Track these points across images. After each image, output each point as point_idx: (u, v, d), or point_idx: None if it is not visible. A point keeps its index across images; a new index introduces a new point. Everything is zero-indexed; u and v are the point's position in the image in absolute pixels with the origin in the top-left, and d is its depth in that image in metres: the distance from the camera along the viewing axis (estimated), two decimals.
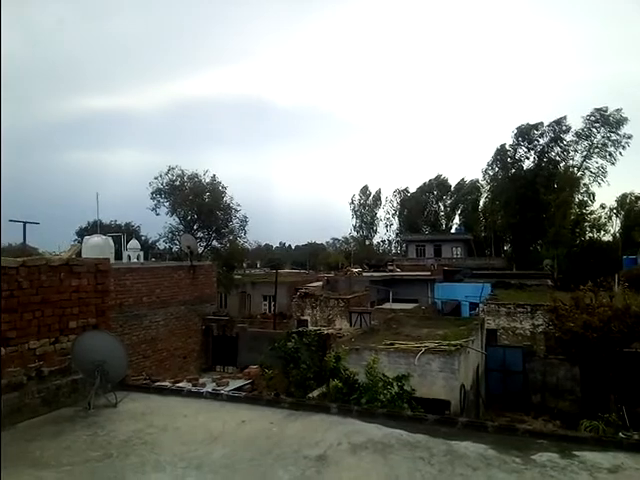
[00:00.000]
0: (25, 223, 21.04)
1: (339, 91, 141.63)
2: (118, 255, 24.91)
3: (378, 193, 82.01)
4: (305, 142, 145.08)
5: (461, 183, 76.37)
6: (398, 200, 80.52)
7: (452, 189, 77.48)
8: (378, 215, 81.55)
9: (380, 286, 32.30)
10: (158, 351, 14.13)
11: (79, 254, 15.11)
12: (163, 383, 6.42)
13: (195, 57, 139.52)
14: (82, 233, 45.87)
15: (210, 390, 5.84)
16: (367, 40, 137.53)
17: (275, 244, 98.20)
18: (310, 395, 9.64)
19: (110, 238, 22.82)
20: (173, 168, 37.08)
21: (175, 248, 37.44)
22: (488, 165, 63.43)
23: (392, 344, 12.35)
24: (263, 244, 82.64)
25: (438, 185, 77.65)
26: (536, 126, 59.52)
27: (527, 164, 60.94)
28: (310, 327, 19.14)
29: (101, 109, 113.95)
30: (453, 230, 72.08)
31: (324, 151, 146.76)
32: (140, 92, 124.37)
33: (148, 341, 13.82)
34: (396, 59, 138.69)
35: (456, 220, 76.91)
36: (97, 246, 21.19)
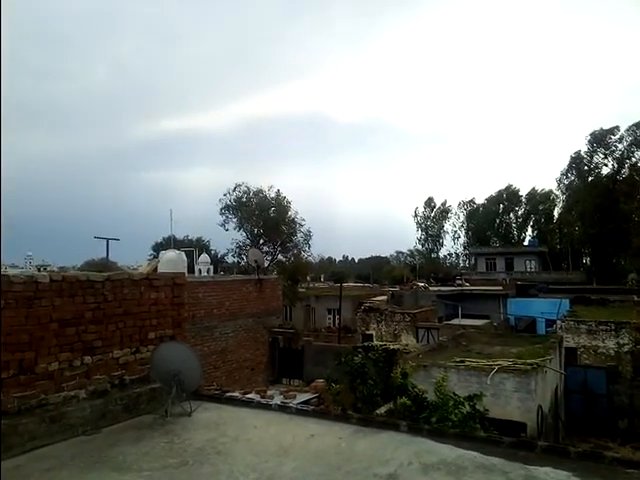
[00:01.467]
0: (108, 240, 22.53)
1: (401, 103, 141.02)
2: (190, 269, 26.06)
3: (444, 205, 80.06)
4: (368, 155, 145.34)
5: (532, 193, 72.91)
6: (464, 212, 78.17)
7: (523, 199, 74.10)
8: (444, 227, 79.49)
9: (448, 301, 31.35)
10: (228, 362, 14.55)
11: (156, 269, 15.97)
12: (233, 394, 6.59)
13: (261, 77, 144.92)
14: (157, 248, 48.62)
15: (279, 403, 5.92)
16: (429, 50, 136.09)
17: (338, 257, 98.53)
18: (377, 412, 9.49)
19: (183, 253, 23.99)
20: (240, 185, 38.49)
21: (242, 262, 38.65)
22: (562, 174, 60.28)
23: (462, 362, 11.90)
24: (326, 257, 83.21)
25: (508, 195, 74.54)
26: (612, 130, 55.83)
27: (605, 171, 57.14)
28: (376, 342, 18.92)
29: (176, 130, 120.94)
30: (526, 242, 68.66)
31: (387, 163, 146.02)
32: (212, 112, 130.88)
33: (218, 352, 14.27)
34: (460, 66, 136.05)
35: (529, 232, 73.34)
36: (171, 260, 22.30)
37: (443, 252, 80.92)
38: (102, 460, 4.27)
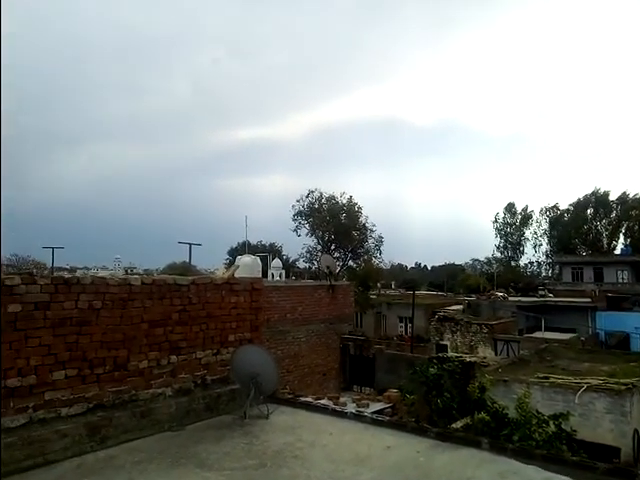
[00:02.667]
0: (190, 245, 23.76)
1: (479, 104, 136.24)
2: (264, 273, 26.79)
3: (525, 211, 75.84)
4: (443, 158, 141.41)
5: (623, 197, 67.17)
6: (547, 218, 73.65)
7: (613, 204, 68.49)
8: (525, 234, 75.31)
9: (529, 312, 29.66)
10: (300, 367, 14.75)
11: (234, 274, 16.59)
12: (307, 398, 6.66)
13: (335, 84, 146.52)
14: (233, 253, 50.51)
15: (353, 411, 5.89)
16: (508, 48, 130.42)
17: (410, 264, 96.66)
18: (453, 426, 9.16)
19: (258, 258, 24.77)
20: (312, 191, 39.04)
21: (313, 267, 39.13)
22: None
23: (546, 378, 11.18)
24: (398, 264, 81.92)
25: (596, 200, 69.26)
26: None
27: None
28: (451, 353, 18.31)
29: (252, 139, 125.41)
30: (618, 251, 63.32)
31: (463, 167, 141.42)
32: (286, 121, 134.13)
33: (291, 356, 14.51)
34: (541, 64, 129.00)
35: (620, 240, 67.59)
36: (247, 265, 23.06)
37: (523, 260, 76.60)
38: (187, 456, 4.48)
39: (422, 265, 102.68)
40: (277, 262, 33.85)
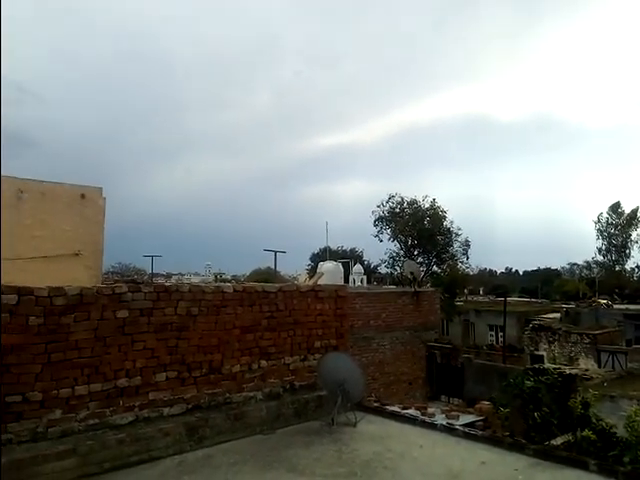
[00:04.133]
0: (276, 252, 24.49)
1: (574, 96, 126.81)
2: (345, 279, 26.87)
3: (635, 212, 68.81)
4: (535, 156, 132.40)
5: None
6: None
7: None
8: (632, 237, 68.45)
9: (638, 321, 26.91)
10: (385, 374, 14.56)
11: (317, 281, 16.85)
12: (393, 407, 6.53)
13: (415, 86, 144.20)
14: (314, 258, 51.25)
15: (444, 423, 5.69)
16: (606, 36, 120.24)
17: (500, 269, 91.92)
18: (553, 443, 8.50)
19: (340, 264, 24.93)
20: (393, 196, 38.60)
21: (395, 273, 38.58)
22: None
23: None
24: (486, 269, 78.30)
25: None
26: None
27: None
28: (548, 364, 17.10)
29: (333, 146, 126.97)
30: None
31: (558, 164, 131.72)
32: (366, 126, 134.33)
33: (376, 364, 14.37)
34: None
35: None
36: (329, 271, 23.36)
37: (630, 264, 69.73)
38: (278, 460, 4.58)
39: (513, 270, 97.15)
40: (358, 268, 33.76)
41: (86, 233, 11.43)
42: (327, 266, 23.62)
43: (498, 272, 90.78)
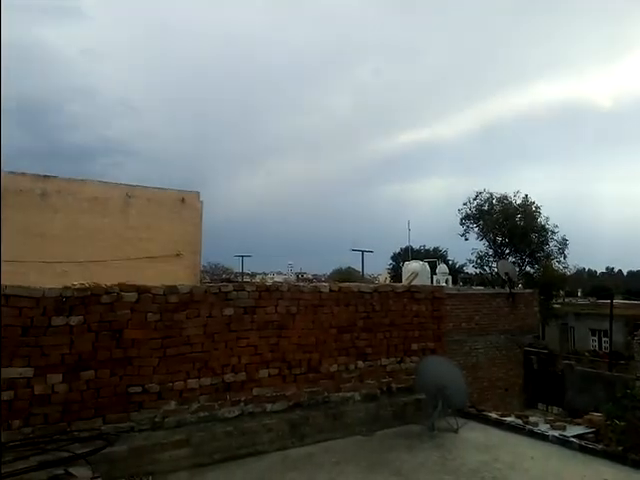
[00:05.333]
0: (363, 252, 24.47)
1: None
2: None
3: None
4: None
5: None
6: None
7: None
8: None
9: None
10: (478, 379, 13.93)
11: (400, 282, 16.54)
12: (494, 415, 6.19)
13: (501, 78, 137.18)
14: (396, 258, 50.47)
15: (556, 434, 5.29)
16: None
17: (600, 269, 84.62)
18: None
19: (427, 264, 24.30)
20: (481, 192, 36.83)
21: (484, 273, 36.87)
22: None
23: None
24: (585, 269, 72.42)
25: None
26: None
27: None
28: None
29: (412, 142, 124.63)
30: None
31: None
32: (445, 121, 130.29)
33: (468, 368, 13.78)
34: None
35: None
36: (414, 271, 22.84)
37: None
38: (380, 462, 4.52)
39: (616, 270, 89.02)
40: (443, 267, 32.73)
41: (185, 235, 12.17)
42: (413, 266, 23.12)
43: (598, 272, 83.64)
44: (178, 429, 4.52)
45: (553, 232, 34.43)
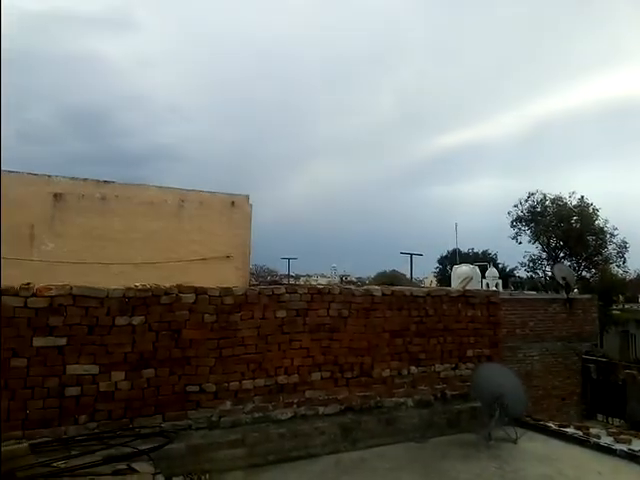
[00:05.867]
0: (411, 255, 24.16)
1: None
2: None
3: None
4: None
5: None
6: None
7: None
8: None
9: None
10: (533, 387, 13.36)
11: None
12: (553, 425, 5.91)
13: (548, 75, 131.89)
14: (442, 261, 49.36)
15: (625, 449, 4.98)
16: None
17: None
18: None
19: (477, 267, 23.66)
20: (533, 194, 35.48)
21: (536, 277, 35.50)
22: None
23: None
24: None
25: None
26: None
27: None
28: None
29: (456, 144, 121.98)
30: None
31: None
32: (491, 120, 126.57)
33: (522, 375, 13.23)
34: None
35: None
36: (464, 275, 22.27)
37: None
38: (436, 471, 4.41)
39: None
40: (493, 271, 31.68)
41: (235, 237, 12.39)
42: (463, 270, 22.57)
43: None
44: (233, 429, 4.59)
45: (612, 235, 32.73)
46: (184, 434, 4.36)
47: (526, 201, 35.81)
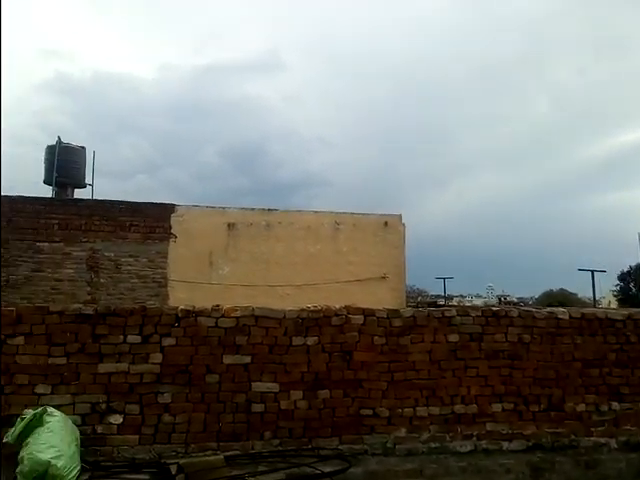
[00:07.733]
0: (593, 271, 21.57)
1: None
2: None
3: None
4: None
5: None
6: None
7: None
8: None
9: None
10: None
11: None
12: None
13: None
14: (624, 278, 42.69)
15: None
16: None
17: None
18: None
19: None
20: None
21: None
22: None
23: None
24: None
25: None
26: None
27: None
28: None
29: (625, 145, 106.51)
30: None
31: None
32: None
33: None
34: None
35: None
36: None
37: None
38: None
39: None
40: None
41: (390, 257, 12.31)
42: None
43: None
44: (409, 457, 4.39)
45: None
46: (360, 459, 4.30)
47: None
